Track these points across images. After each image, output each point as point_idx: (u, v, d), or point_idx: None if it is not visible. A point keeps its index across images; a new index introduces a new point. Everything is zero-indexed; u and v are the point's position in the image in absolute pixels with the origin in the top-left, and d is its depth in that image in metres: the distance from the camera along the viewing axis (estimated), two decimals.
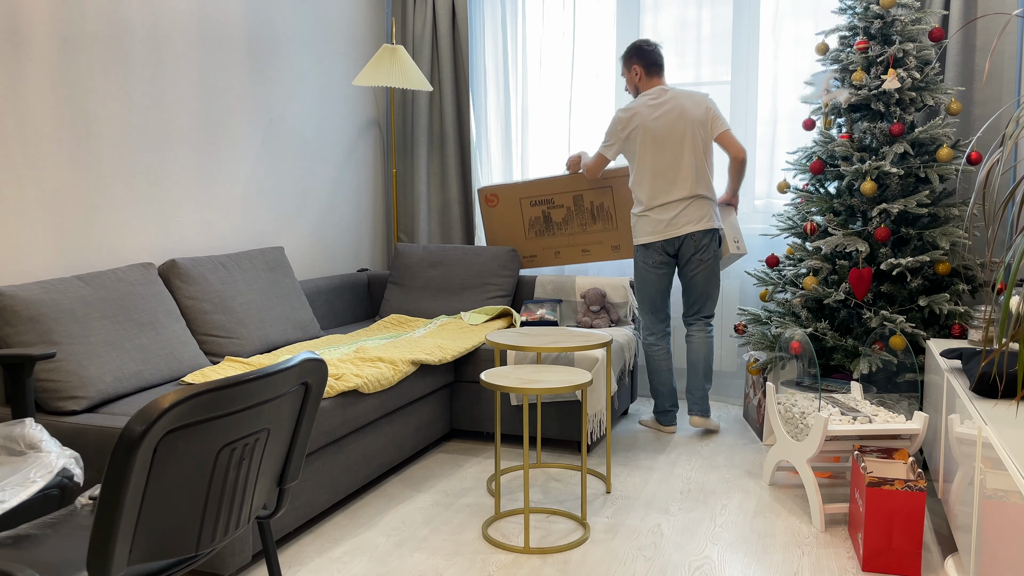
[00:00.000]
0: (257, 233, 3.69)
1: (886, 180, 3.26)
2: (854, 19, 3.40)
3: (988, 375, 2.19)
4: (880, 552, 2.35)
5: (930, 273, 3.28)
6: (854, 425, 2.62)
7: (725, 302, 4.20)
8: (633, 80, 3.67)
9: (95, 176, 2.88)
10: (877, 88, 3.29)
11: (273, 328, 3.27)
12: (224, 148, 3.47)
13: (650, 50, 3.62)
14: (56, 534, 1.57)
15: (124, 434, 1.21)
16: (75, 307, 2.52)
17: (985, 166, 1.77)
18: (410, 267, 4.14)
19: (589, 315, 3.90)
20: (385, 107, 4.71)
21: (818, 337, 3.34)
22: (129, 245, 3.02)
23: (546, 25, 4.41)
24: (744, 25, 4.08)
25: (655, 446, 3.52)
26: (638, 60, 3.63)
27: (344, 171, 4.33)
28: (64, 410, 2.39)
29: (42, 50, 2.67)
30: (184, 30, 3.23)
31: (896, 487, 2.32)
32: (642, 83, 3.65)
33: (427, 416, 3.36)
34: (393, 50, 4.06)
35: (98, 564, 1.25)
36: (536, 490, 3.03)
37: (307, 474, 2.58)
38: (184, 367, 2.80)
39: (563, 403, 3.38)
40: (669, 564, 2.42)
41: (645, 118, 3.55)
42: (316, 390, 1.61)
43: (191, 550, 1.40)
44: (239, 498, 1.48)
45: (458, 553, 2.50)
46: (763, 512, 2.80)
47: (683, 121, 3.54)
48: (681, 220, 3.54)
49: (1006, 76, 3.51)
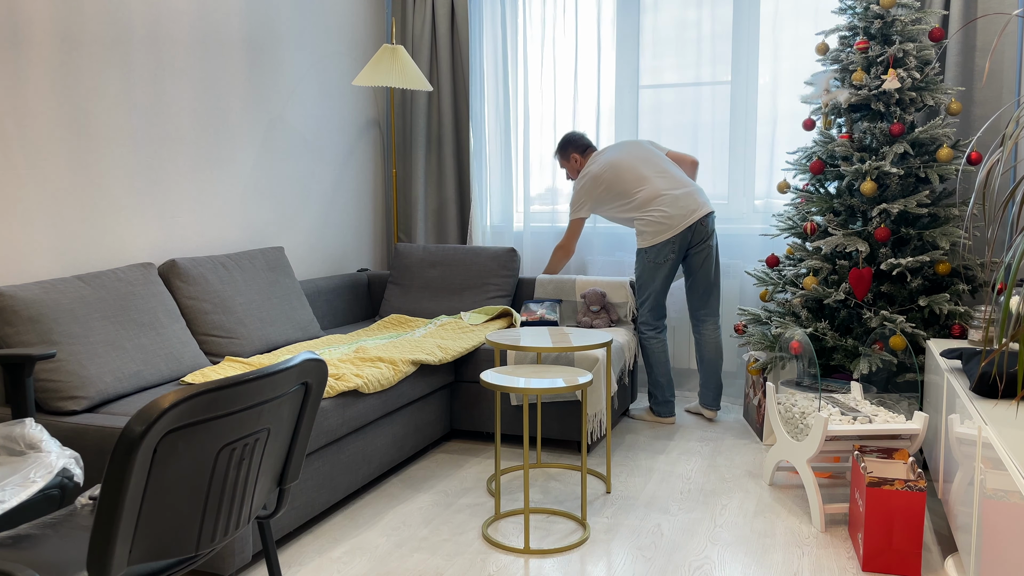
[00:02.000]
0: (257, 233, 3.69)
1: (886, 180, 3.26)
2: (854, 19, 3.40)
3: (988, 375, 2.19)
4: (880, 552, 2.35)
5: (930, 273, 3.28)
6: (854, 425, 2.62)
7: (725, 302, 4.20)
8: (575, 167, 4.00)
9: (95, 176, 2.88)
10: (877, 88, 3.29)
11: (273, 328, 3.27)
12: (224, 148, 3.46)
13: (578, 137, 3.99)
14: (56, 534, 1.57)
15: (124, 434, 1.21)
16: (75, 307, 2.51)
17: (985, 166, 1.77)
18: (410, 267, 4.14)
19: (589, 315, 3.90)
20: (385, 107, 4.71)
21: (818, 337, 3.34)
22: (129, 245, 3.02)
23: (546, 25, 4.41)
24: (744, 25, 4.08)
25: (655, 446, 3.52)
26: (574, 149, 3.98)
27: (344, 171, 4.33)
28: (64, 410, 2.39)
29: (42, 50, 2.67)
30: (184, 30, 3.23)
31: (896, 487, 2.32)
32: (582, 165, 4.00)
33: (427, 416, 3.36)
34: (393, 50, 4.06)
35: (98, 564, 1.25)
36: (536, 490, 3.03)
37: (307, 474, 2.58)
38: (184, 367, 2.80)
39: (563, 403, 3.38)
40: (669, 564, 2.42)
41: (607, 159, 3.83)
42: (316, 390, 1.61)
43: (191, 550, 1.40)
44: (239, 498, 1.48)
45: (458, 553, 2.50)
46: (763, 512, 2.80)
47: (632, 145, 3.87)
48: (686, 209, 3.69)
49: (1006, 76, 3.51)
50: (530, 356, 3.40)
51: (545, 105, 4.45)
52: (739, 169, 4.15)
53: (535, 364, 3.23)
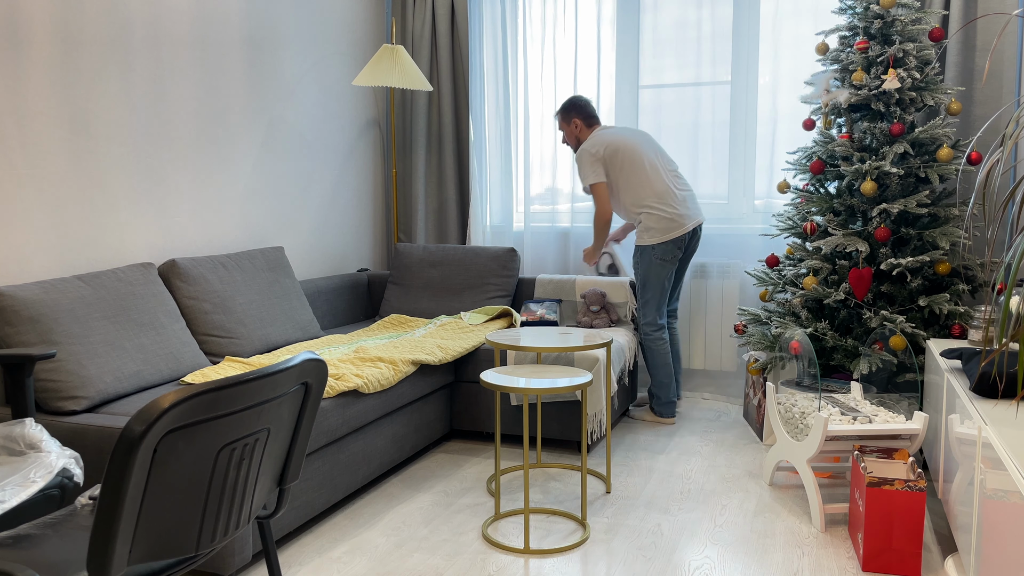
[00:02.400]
0: (257, 233, 3.69)
1: (886, 180, 3.26)
2: (854, 19, 3.40)
3: (988, 375, 2.19)
4: (880, 552, 2.34)
5: (930, 273, 3.28)
6: (854, 425, 2.62)
7: (725, 302, 4.20)
8: (573, 132, 3.85)
9: (95, 176, 2.88)
10: (877, 88, 3.29)
11: (273, 328, 3.27)
12: (224, 148, 3.46)
13: (585, 103, 3.84)
14: (56, 534, 1.57)
15: (124, 434, 1.21)
16: (75, 307, 2.51)
17: (985, 166, 1.77)
18: (410, 267, 4.14)
19: (589, 315, 3.90)
20: (385, 107, 4.71)
21: (818, 337, 3.34)
22: (129, 245, 3.02)
23: (546, 25, 4.41)
24: (744, 25, 4.08)
25: (655, 446, 3.52)
26: (577, 114, 3.83)
27: (344, 171, 4.33)
28: (64, 410, 2.39)
29: (42, 50, 2.67)
30: (184, 30, 3.23)
31: (896, 487, 2.32)
32: (582, 133, 3.87)
33: (427, 416, 3.36)
34: (393, 50, 4.06)
35: (98, 564, 1.25)
36: (536, 490, 3.03)
37: (307, 474, 2.58)
38: (184, 367, 2.80)
39: (563, 403, 3.38)
40: (669, 564, 2.42)
41: (611, 138, 3.73)
42: (316, 390, 1.61)
43: (191, 550, 1.40)
44: (239, 498, 1.48)
45: (458, 553, 2.50)
46: (763, 512, 2.80)
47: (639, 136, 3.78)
48: (692, 212, 3.74)
49: (1006, 76, 3.51)
50: (530, 356, 3.40)
51: (545, 105, 4.45)
52: (739, 169, 4.15)
53: (535, 364, 3.23)
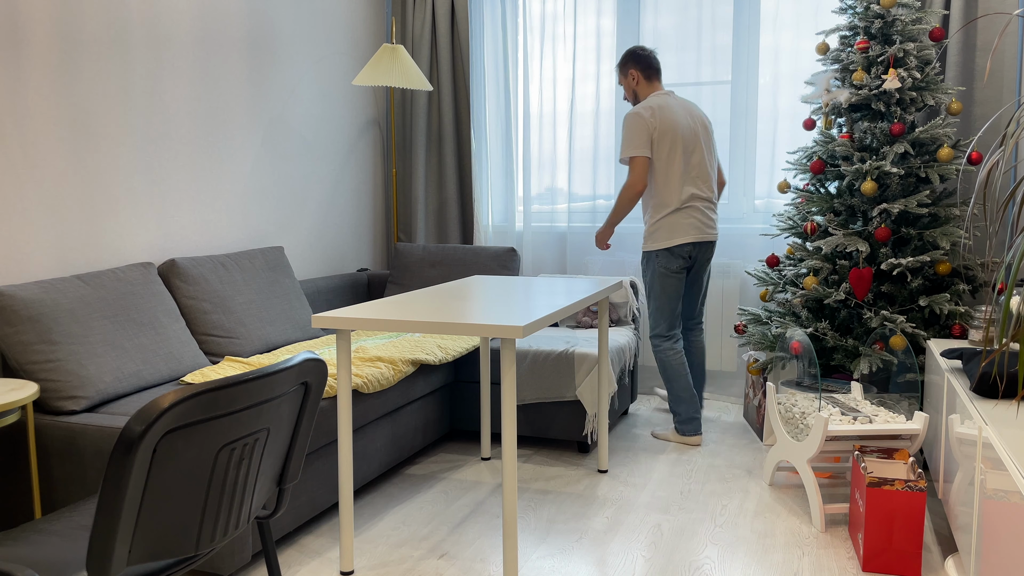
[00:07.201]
0: (257, 233, 3.69)
1: (886, 180, 3.26)
2: (854, 19, 3.40)
3: (988, 375, 2.18)
4: (880, 552, 2.34)
5: (930, 273, 3.28)
6: (854, 425, 2.62)
7: (725, 302, 4.20)
8: (631, 85, 3.57)
9: (95, 176, 2.88)
10: (877, 88, 3.29)
11: (273, 328, 3.27)
12: (224, 148, 3.46)
13: (646, 55, 3.54)
14: (56, 534, 1.57)
15: (124, 434, 1.21)
16: (75, 307, 2.51)
17: (985, 166, 1.77)
18: (410, 267, 4.14)
19: (589, 315, 3.90)
20: (385, 107, 4.71)
21: (818, 337, 3.34)
22: (129, 245, 3.02)
23: (546, 25, 4.41)
24: (744, 25, 4.08)
25: (655, 447, 3.52)
26: (635, 65, 3.54)
27: (344, 171, 4.33)
28: (64, 410, 2.39)
29: (42, 50, 2.67)
30: (184, 30, 3.23)
31: (896, 487, 2.31)
32: (640, 88, 3.56)
33: (427, 416, 3.35)
34: (393, 50, 4.06)
35: (98, 564, 1.25)
36: (536, 490, 3.03)
37: (307, 474, 2.58)
38: (184, 367, 2.80)
39: (563, 403, 3.38)
40: (669, 564, 2.42)
41: (667, 115, 3.42)
42: (316, 390, 1.61)
43: (191, 550, 1.40)
44: (239, 498, 1.48)
45: (458, 553, 2.50)
46: (763, 512, 2.80)
47: (698, 124, 3.49)
48: (709, 223, 3.48)
49: (1006, 76, 3.51)
50: (530, 356, 3.40)
51: (545, 104, 4.45)
52: (739, 169, 4.15)
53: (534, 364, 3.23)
